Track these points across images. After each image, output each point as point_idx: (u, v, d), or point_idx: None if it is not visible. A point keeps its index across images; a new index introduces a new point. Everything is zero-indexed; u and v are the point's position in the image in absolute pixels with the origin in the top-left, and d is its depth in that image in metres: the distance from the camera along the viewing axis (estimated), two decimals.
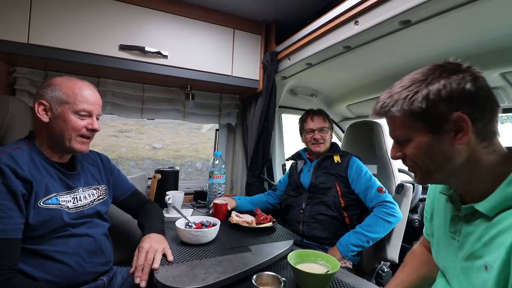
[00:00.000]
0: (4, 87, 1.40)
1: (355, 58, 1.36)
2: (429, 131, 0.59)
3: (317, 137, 1.48)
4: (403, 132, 0.62)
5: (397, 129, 0.63)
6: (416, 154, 0.61)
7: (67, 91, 0.89)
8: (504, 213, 0.53)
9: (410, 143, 0.61)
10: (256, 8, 1.61)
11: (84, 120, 0.91)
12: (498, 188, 0.55)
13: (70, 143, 0.90)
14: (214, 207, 1.35)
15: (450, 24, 0.97)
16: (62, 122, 0.88)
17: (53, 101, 0.88)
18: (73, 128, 0.89)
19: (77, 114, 0.90)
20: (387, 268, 1.35)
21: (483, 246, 0.56)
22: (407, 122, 0.60)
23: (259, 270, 0.84)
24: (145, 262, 0.83)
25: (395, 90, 0.62)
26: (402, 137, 0.63)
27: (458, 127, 0.56)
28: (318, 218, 1.37)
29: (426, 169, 0.61)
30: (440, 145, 0.58)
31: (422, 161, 0.61)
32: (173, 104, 1.85)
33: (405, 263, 0.91)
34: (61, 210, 0.86)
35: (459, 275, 0.62)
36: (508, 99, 1.31)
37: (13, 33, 1.19)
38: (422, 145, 0.60)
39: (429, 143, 0.59)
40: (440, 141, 0.58)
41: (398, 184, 1.43)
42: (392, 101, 0.61)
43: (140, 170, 4.62)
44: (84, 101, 0.90)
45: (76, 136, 0.90)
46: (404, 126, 0.61)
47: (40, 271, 0.81)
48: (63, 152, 0.95)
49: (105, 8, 1.35)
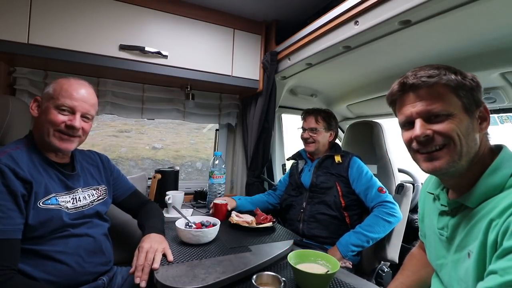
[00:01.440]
0: (4, 87, 1.40)
1: (355, 58, 1.36)
2: (466, 112, 0.59)
3: (306, 137, 1.51)
4: (446, 105, 0.59)
5: (439, 102, 0.59)
6: (457, 132, 0.58)
7: (56, 87, 0.89)
8: (485, 202, 0.57)
9: (451, 118, 0.59)
10: (256, 8, 1.61)
11: (65, 116, 0.88)
12: (480, 180, 0.59)
13: (48, 137, 0.87)
14: (214, 207, 1.35)
15: (450, 24, 0.97)
16: (44, 116, 0.87)
17: (44, 97, 0.89)
18: (50, 122, 0.86)
19: (58, 108, 0.87)
20: (387, 268, 1.35)
21: (466, 236, 0.59)
22: (452, 96, 0.59)
23: (259, 270, 0.83)
24: (145, 262, 0.82)
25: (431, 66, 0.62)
26: (444, 111, 0.59)
27: (482, 117, 0.61)
28: (319, 217, 1.37)
29: (460, 150, 0.58)
30: (473, 129, 0.60)
31: (459, 139, 0.58)
32: (173, 104, 1.85)
33: (404, 265, 0.92)
34: (60, 211, 0.86)
35: (450, 269, 0.64)
36: (508, 99, 1.31)
37: (13, 33, 1.19)
38: (464, 123, 0.59)
39: (468, 123, 0.59)
40: (473, 124, 0.60)
41: (398, 184, 1.43)
42: (440, 72, 0.59)
43: (140, 170, 4.61)
44: (67, 96, 0.88)
45: (54, 131, 0.87)
46: (448, 100, 0.59)
47: (40, 271, 0.81)
48: (51, 150, 0.92)
49: (105, 8, 1.35)
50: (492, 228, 0.52)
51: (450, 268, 0.64)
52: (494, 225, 0.52)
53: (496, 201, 0.55)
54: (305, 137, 1.51)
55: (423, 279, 0.84)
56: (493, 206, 0.54)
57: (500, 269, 0.46)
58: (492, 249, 0.51)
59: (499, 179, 0.57)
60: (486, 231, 0.53)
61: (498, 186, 0.56)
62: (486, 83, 1.27)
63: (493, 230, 0.51)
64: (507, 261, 0.46)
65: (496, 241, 0.50)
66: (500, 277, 0.46)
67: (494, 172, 0.58)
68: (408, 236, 1.42)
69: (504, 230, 0.49)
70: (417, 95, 0.62)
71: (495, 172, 0.58)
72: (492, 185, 0.57)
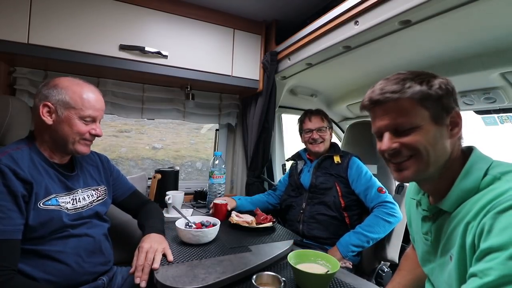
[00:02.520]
0: (4, 87, 1.40)
1: (355, 58, 1.36)
2: (434, 121, 0.59)
3: (315, 137, 1.48)
4: (411, 119, 0.59)
5: (404, 116, 0.60)
6: (423, 143, 0.59)
7: (74, 96, 0.89)
8: (461, 205, 0.58)
9: (417, 131, 0.59)
10: (256, 8, 1.61)
11: (88, 126, 0.93)
12: (454, 185, 0.59)
13: (73, 146, 0.91)
14: (214, 207, 1.35)
15: (450, 24, 0.97)
16: (67, 126, 0.89)
17: (58, 104, 0.88)
18: (78, 133, 0.91)
19: (83, 119, 0.91)
20: (387, 268, 1.36)
21: (448, 240, 0.60)
22: (418, 108, 0.59)
23: (259, 270, 0.84)
24: (145, 262, 0.82)
25: (397, 78, 0.62)
26: (409, 124, 0.60)
27: (454, 123, 0.60)
28: (318, 218, 1.37)
29: (427, 160, 0.60)
30: (441, 137, 0.60)
31: (426, 151, 0.59)
32: (173, 104, 1.85)
33: (400, 266, 0.93)
34: (60, 211, 0.86)
35: (438, 273, 0.65)
36: (508, 99, 1.31)
37: (13, 33, 1.19)
38: (430, 134, 0.59)
39: (435, 133, 0.59)
40: (441, 132, 0.60)
41: (398, 184, 1.43)
42: (404, 86, 0.59)
43: (140, 170, 4.61)
44: (90, 107, 0.91)
45: (79, 139, 0.92)
46: (413, 113, 0.59)
47: (40, 271, 0.81)
48: (65, 154, 0.95)
49: (105, 8, 1.35)
50: (469, 230, 0.53)
51: (438, 272, 0.65)
52: (470, 227, 0.52)
53: (470, 204, 0.55)
54: (315, 138, 1.48)
55: (419, 277, 0.85)
56: (468, 209, 0.55)
57: (479, 271, 0.47)
58: (471, 251, 0.52)
59: (472, 182, 0.57)
60: (464, 234, 0.54)
61: (471, 189, 0.57)
62: (486, 83, 1.27)
63: (470, 232, 0.52)
64: (485, 263, 0.47)
65: (474, 243, 0.51)
66: (479, 279, 0.46)
67: (466, 175, 0.59)
68: (408, 236, 1.42)
69: (480, 231, 0.50)
70: (384, 109, 0.63)
71: (467, 176, 0.58)
72: (466, 189, 0.58)
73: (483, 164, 0.59)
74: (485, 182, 0.56)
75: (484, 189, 0.55)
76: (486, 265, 0.46)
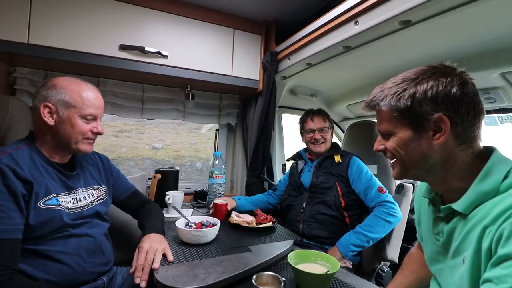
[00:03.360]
0: (4, 87, 1.40)
1: (355, 58, 1.36)
2: (411, 128, 0.62)
3: (317, 137, 1.48)
4: (387, 126, 0.65)
5: (383, 123, 0.66)
6: (396, 148, 0.64)
7: (74, 95, 0.89)
8: (477, 208, 0.56)
9: (392, 137, 0.65)
10: (256, 8, 1.61)
11: (89, 124, 0.93)
12: (471, 186, 0.58)
13: (76, 145, 0.92)
14: (214, 207, 1.35)
15: (450, 24, 0.97)
16: (68, 126, 0.89)
17: (59, 105, 0.88)
18: (80, 132, 0.91)
19: (84, 118, 0.91)
20: (387, 268, 1.35)
21: (461, 242, 0.59)
22: (392, 117, 0.63)
23: (259, 270, 0.84)
24: (145, 262, 0.82)
25: (387, 85, 0.65)
26: (386, 131, 0.66)
27: (437, 128, 0.59)
28: (319, 217, 1.37)
29: (404, 164, 0.65)
30: (419, 143, 0.61)
31: (400, 156, 0.64)
32: (173, 104, 1.85)
33: (403, 265, 0.92)
34: (60, 211, 0.86)
35: (447, 275, 0.64)
36: (508, 99, 1.31)
37: (13, 33, 1.19)
38: (403, 140, 0.63)
39: (410, 139, 0.62)
40: (420, 138, 0.61)
41: (398, 184, 1.43)
42: (381, 96, 0.64)
43: (140, 170, 4.62)
44: (91, 105, 0.92)
45: (82, 139, 0.92)
46: (389, 120, 0.64)
47: (40, 271, 0.81)
48: (66, 153, 0.96)
49: (105, 8, 1.35)
50: (486, 235, 0.51)
51: (447, 273, 0.64)
52: (488, 232, 0.51)
53: (489, 207, 0.54)
54: (317, 138, 1.48)
55: (422, 279, 0.85)
56: (486, 212, 0.53)
57: (495, 277, 0.46)
58: (487, 256, 0.50)
59: (491, 184, 0.55)
60: (480, 238, 0.52)
61: (490, 192, 0.55)
62: (486, 83, 1.27)
63: (487, 237, 0.51)
64: (502, 269, 0.46)
65: (491, 248, 0.50)
66: (495, 285, 0.45)
67: (485, 177, 0.57)
68: (408, 236, 1.42)
69: (498, 237, 0.48)
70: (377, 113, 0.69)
71: (486, 178, 0.57)
72: (484, 191, 0.56)
73: (504, 166, 0.56)
74: (505, 185, 0.54)
75: (504, 193, 0.53)
76: (503, 272, 0.45)
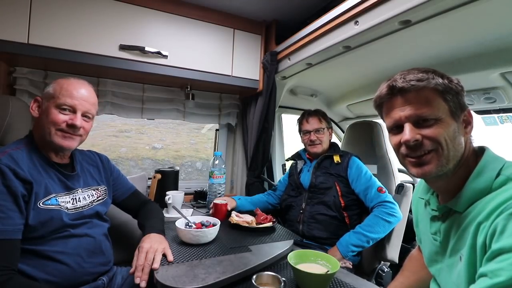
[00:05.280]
0: (4, 87, 1.40)
1: (355, 58, 1.36)
2: (452, 116, 0.60)
3: (313, 139, 1.48)
4: (434, 110, 0.59)
5: (427, 106, 0.59)
6: (444, 136, 0.58)
7: (56, 86, 0.90)
8: (472, 206, 0.57)
9: (438, 123, 0.59)
10: (256, 8, 1.61)
11: (66, 115, 0.88)
12: (466, 184, 0.59)
13: (50, 137, 0.87)
14: (214, 207, 1.35)
15: (450, 24, 0.97)
16: (45, 116, 0.88)
17: (44, 97, 0.89)
18: (52, 122, 0.86)
19: (59, 108, 0.88)
20: (387, 268, 1.35)
21: (458, 240, 0.59)
22: (440, 100, 0.59)
23: (259, 270, 0.84)
24: (145, 262, 0.82)
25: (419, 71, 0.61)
26: (433, 115, 0.59)
27: (467, 120, 0.61)
28: (318, 218, 1.37)
29: (447, 154, 0.59)
30: (459, 132, 0.61)
31: (446, 144, 0.58)
32: (173, 104, 1.85)
33: (404, 266, 0.93)
34: (60, 211, 0.86)
35: (446, 274, 0.64)
36: (508, 99, 1.31)
37: (13, 33, 1.19)
38: (451, 127, 0.59)
39: (454, 127, 0.60)
40: (458, 128, 0.61)
41: (398, 184, 1.43)
42: (429, 76, 0.59)
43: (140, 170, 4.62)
44: (67, 95, 0.88)
45: (56, 130, 0.87)
46: (436, 104, 0.59)
47: (40, 272, 0.81)
48: (52, 149, 0.92)
49: (105, 8, 1.35)
50: (480, 231, 0.52)
51: (446, 272, 0.64)
52: (482, 228, 0.52)
53: (482, 204, 0.55)
54: (312, 139, 1.48)
55: (423, 280, 0.85)
56: (480, 209, 0.55)
57: (490, 271, 0.47)
58: (482, 252, 0.51)
59: (484, 182, 0.57)
60: (475, 234, 0.54)
61: (484, 189, 0.57)
62: (486, 83, 1.27)
63: (481, 233, 0.52)
64: (496, 263, 0.46)
65: (485, 244, 0.51)
66: (490, 279, 0.46)
67: (478, 175, 0.58)
68: (408, 236, 1.42)
69: (492, 232, 0.49)
70: (406, 99, 0.61)
71: (479, 176, 0.58)
72: (478, 189, 0.57)
73: (496, 164, 0.58)
74: (498, 183, 0.55)
75: (497, 190, 0.55)
76: (497, 266, 0.46)
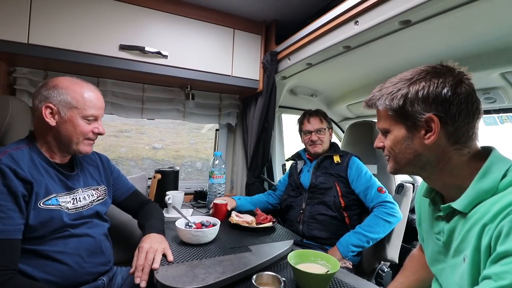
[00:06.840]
0: (4, 87, 1.40)
1: (355, 58, 1.36)
2: (405, 127, 0.64)
3: (314, 139, 1.48)
4: (384, 124, 0.69)
5: (381, 121, 0.70)
6: (391, 146, 0.67)
7: (76, 96, 0.90)
8: (477, 207, 0.57)
9: (389, 134, 0.68)
10: (256, 8, 1.61)
11: (91, 125, 0.94)
12: (470, 185, 0.59)
13: (77, 146, 0.92)
14: (214, 207, 1.35)
15: (450, 24, 0.97)
16: (70, 126, 0.90)
17: (61, 105, 0.88)
18: (82, 132, 0.92)
19: (85, 119, 0.92)
20: (387, 268, 1.35)
21: (462, 241, 0.59)
22: (387, 115, 0.67)
23: (259, 270, 0.84)
24: (145, 262, 0.82)
25: (385, 85, 0.68)
26: (383, 129, 0.70)
27: (429, 127, 0.61)
28: (318, 218, 1.37)
29: (396, 161, 0.68)
30: (412, 141, 0.64)
31: (394, 153, 0.67)
32: (173, 104, 1.85)
33: (404, 266, 0.92)
34: (60, 211, 0.86)
35: (448, 274, 0.64)
36: (508, 99, 1.31)
37: (13, 33, 1.19)
38: (397, 139, 0.66)
39: (403, 137, 0.65)
40: (412, 137, 0.64)
41: (398, 184, 1.43)
42: (379, 95, 0.68)
43: (140, 170, 4.62)
44: (92, 106, 0.93)
45: (83, 139, 0.93)
46: (385, 119, 0.68)
47: (40, 272, 0.81)
48: (66, 154, 0.96)
49: (105, 8, 1.35)
50: (485, 232, 0.52)
51: (448, 273, 0.64)
52: (487, 229, 0.52)
53: (488, 206, 0.54)
54: (313, 140, 1.48)
55: (423, 280, 0.85)
56: (486, 210, 0.54)
57: (494, 274, 0.46)
58: (486, 254, 0.51)
59: (490, 183, 0.56)
60: (480, 236, 0.53)
61: (489, 190, 0.56)
62: (486, 83, 1.27)
63: (486, 234, 0.51)
64: (500, 266, 0.46)
65: (490, 246, 0.50)
66: (494, 282, 0.46)
67: (484, 176, 0.58)
68: (408, 236, 1.42)
69: (497, 234, 0.49)
70: (376, 112, 0.71)
71: (485, 176, 0.57)
72: (483, 190, 0.57)
73: (502, 165, 0.57)
74: (504, 184, 0.55)
75: (503, 191, 0.54)
76: (502, 269, 0.45)
